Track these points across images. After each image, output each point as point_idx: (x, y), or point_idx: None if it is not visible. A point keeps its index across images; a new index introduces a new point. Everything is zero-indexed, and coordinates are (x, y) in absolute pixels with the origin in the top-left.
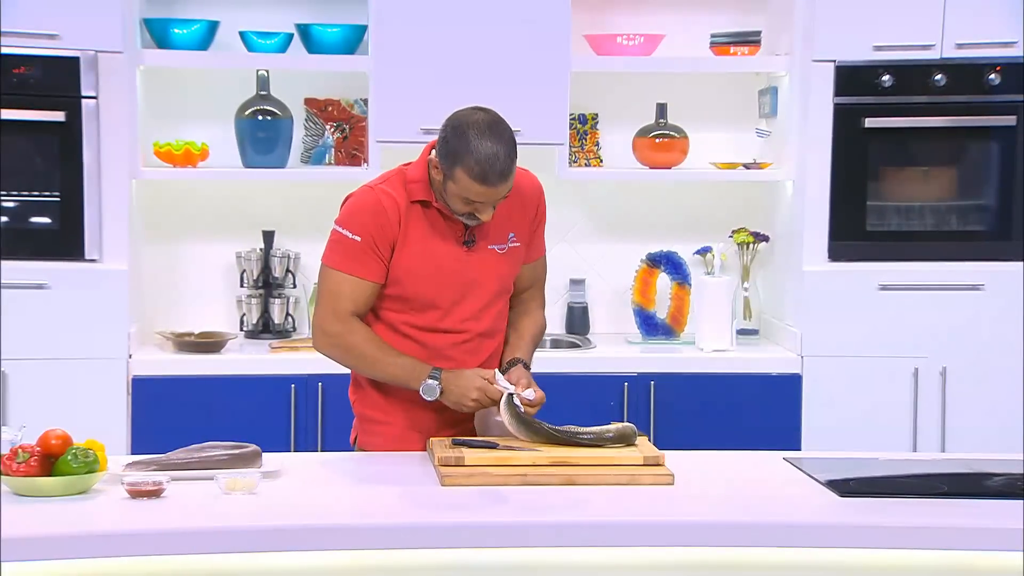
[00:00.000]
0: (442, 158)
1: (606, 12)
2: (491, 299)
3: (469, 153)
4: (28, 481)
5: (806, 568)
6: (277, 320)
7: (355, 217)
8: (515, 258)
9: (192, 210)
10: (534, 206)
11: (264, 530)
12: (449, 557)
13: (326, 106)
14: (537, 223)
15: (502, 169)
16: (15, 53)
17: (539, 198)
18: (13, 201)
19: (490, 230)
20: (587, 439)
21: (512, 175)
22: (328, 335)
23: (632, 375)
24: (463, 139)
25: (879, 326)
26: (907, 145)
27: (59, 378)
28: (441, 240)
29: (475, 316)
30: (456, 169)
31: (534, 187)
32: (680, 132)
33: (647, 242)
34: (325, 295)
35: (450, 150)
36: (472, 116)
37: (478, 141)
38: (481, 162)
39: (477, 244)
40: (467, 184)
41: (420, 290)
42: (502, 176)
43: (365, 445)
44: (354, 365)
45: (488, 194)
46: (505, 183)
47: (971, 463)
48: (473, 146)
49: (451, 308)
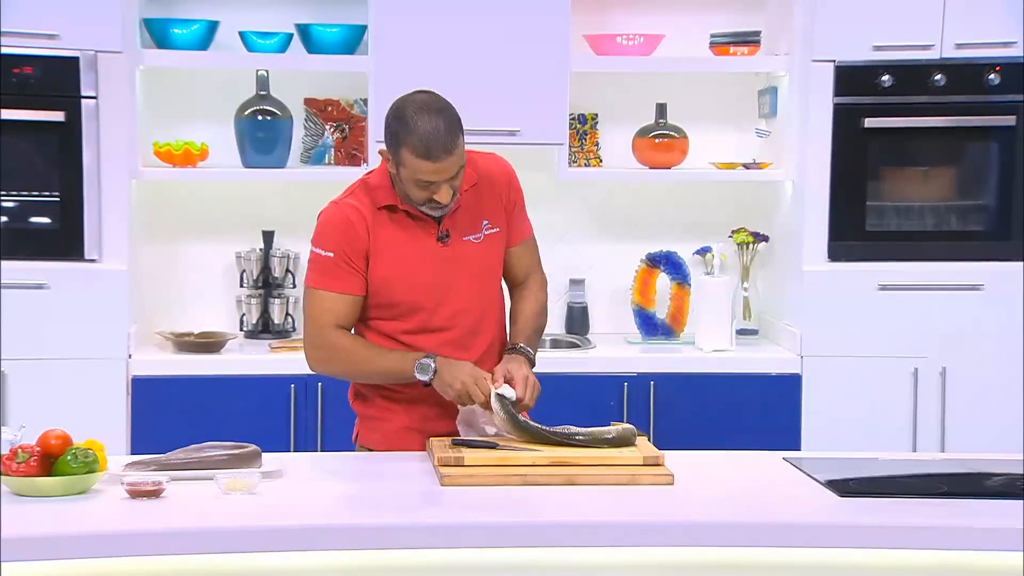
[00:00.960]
0: (389, 146)
1: (606, 12)
2: (477, 290)
3: (410, 132)
4: (28, 481)
5: (806, 568)
6: (277, 320)
7: (325, 234)
8: (495, 244)
9: (192, 210)
10: (504, 187)
11: (264, 530)
12: (449, 557)
13: (326, 106)
14: (512, 203)
15: (445, 142)
16: (15, 53)
17: (508, 178)
18: (13, 201)
19: (462, 222)
20: (581, 440)
21: (458, 149)
22: (318, 349)
23: (632, 375)
24: (402, 120)
25: (879, 326)
26: (907, 145)
27: (59, 378)
28: (414, 241)
29: (463, 310)
30: (401, 151)
31: (501, 169)
32: (680, 132)
33: (647, 242)
34: (308, 315)
35: (392, 134)
36: (410, 97)
37: (416, 119)
38: (423, 138)
39: (452, 238)
40: (414, 163)
41: (402, 295)
42: (446, 149)
43: (366, 442)
44: (350, 373)
45: (437, 170)
46: (451, 156)
47: (971, 463)
48: (412, 125)
49: (436, 307)
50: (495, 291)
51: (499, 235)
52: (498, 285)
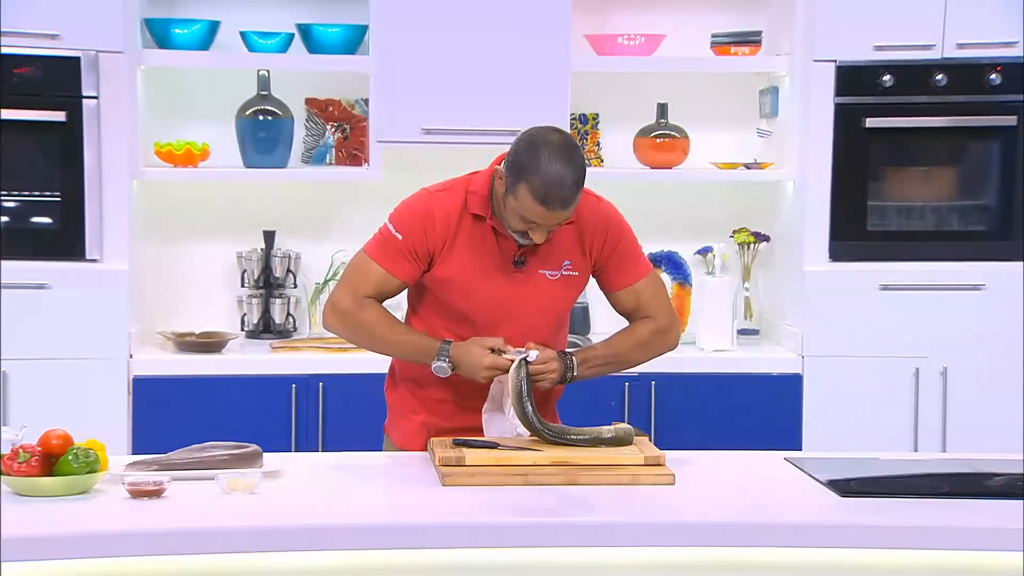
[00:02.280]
0: (509, 171)
1: (606, 12)
2: (534, 324)
3: (536, 172)
4: (29, 481)
5: (806, 568)
6: (278, 320)
7: (404, 216)
8: (569, 287)
9: (193, 210)
10: (600, 233)
11: (264, 530)
12: (449, 557)
13: (327, 106)
14: (611, 251)
15: (566, 196)
16: (16, 53)
17: (605, 225)
18: (14, 201)
19: (544, 254)
20: (578, 439)
21: (574, 204)
22: (339, 311)
23: (633, 375)
24: (534, 157)
25: (880, 326)
26: (908, 145)
27: (60, 378)
28: (488, 257)
29: (518, 337)
30: (520, 185)
31: (601, 215)
32: (681, 132)
33: (648, 242)
34: (349, 274)
35: (519, 165)
36: (548, 136)
37: (548, 162)
38: (547, 184)
39: (527, 266)
40: (528, 203)
41: (458, 302)
42: (564, 203)
43: (388, 432)
44: (361, 342)
45: (547, 217)
46: (566, 210)
47: (972, 463)
48: (542, 166)
49: (489, 325)
50: (553, 331)
51: (577, 280)
52: (560, 322)
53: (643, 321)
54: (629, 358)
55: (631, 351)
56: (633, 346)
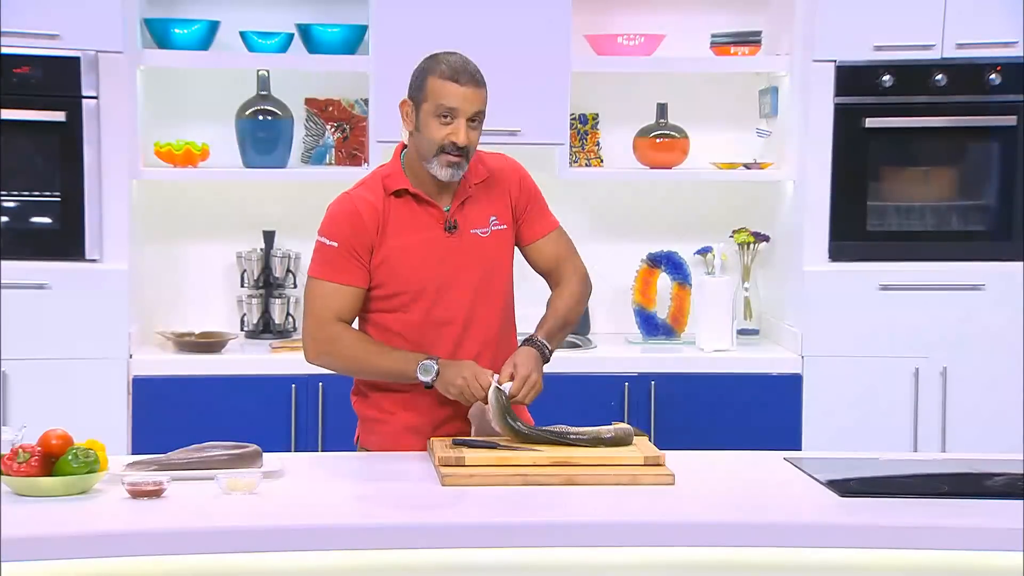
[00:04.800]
0: (412, 91)
1: (606, 12)
2: (478, 284)
3: (438, 62)
4: (28, 481)
5: (806, 568)
6: (278, 320)
7: (332, 224)
8: (502, 241)
9: (192, 210)
10: (514, 184)
11: (264, 530)
12: (449, 557)
13: (327, 106)
14: (526, 200)
15: (472, 72)
16: (15, 53)
17: (517, 174)
18: (13, 201)
19: (471, 215)
20: (577, 439)
21: (482, 84)
22: (317, 342)
23: (632, 375)
24: (431, 58)
25: (879, 326)
26: (907, 145)
27: (59, 378)
28: (423, 228)
29: (463, 303)
30: (426, 82)
31: (511, 167)
32: (680, 132)
33: (647, 242)
34: (309, 305)
35: (419, 76)
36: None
37: (444, 55)
38: (452, 64)
39: (459, 229)
40: (441, 89)
41: (405, 281)
42: (473, 78)
43: (366, 444)
44: (348, 368)
45: (462, 95)
46: (477, 88)
47: (972, 463)
48: (442, 57)
49: (438, 297)
50: (500, 287)
51: (506, 232)
52: (504, 282)
53: (569, 278)
54: (576, 313)
55: (575, 308)
56: (576, 302)
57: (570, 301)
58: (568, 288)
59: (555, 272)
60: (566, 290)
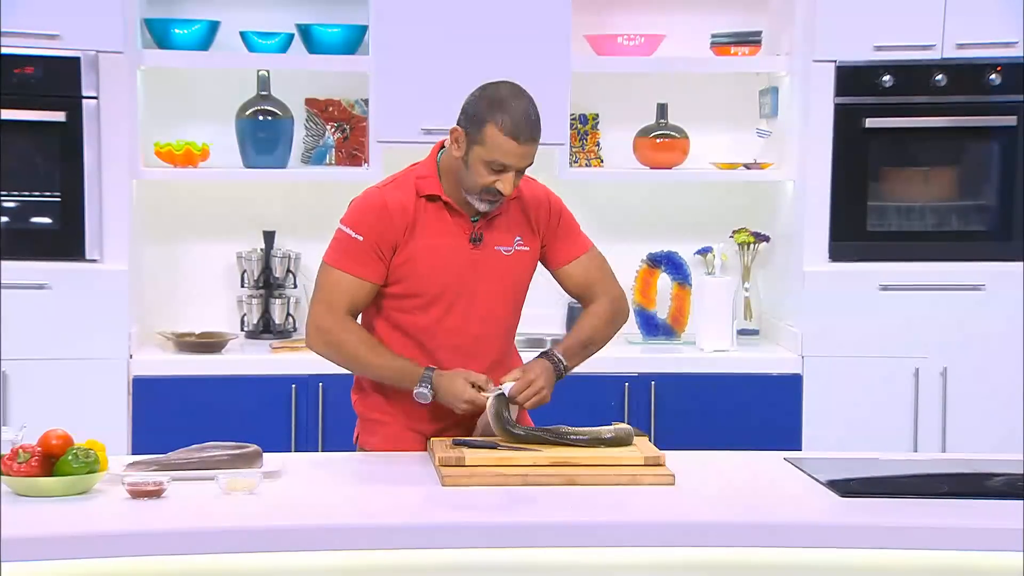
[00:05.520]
0: (468, 125)
1: (606, 12)
2: (496, 300)
3: (502, 111)
4: (29, 481)
5: (806, 568)
6: (278, 320)
7: (360, 217)
8: (523, 262)
9: (193, 210)
10: (543, 210)
11: (264, 530)
12: (449, 557)
13: (327, 106)
14: (555, 224)
15: (533, 129)
16: (16, 53)
17: (547, 201)
18: (14, 201)
19: (498, 231)
20: (577, 439)
21: (538, 139)
22: (321, 331)
23: (633, 375)
24: (493, 101)
25: (879, 326)
26: (907, 145)
27: (59, 378)
28: (448, 236)
29: (478, 316)
30: (486, 128)
31: (542, 192)
32: (681, 132)
33: (647, 242)
34: (321, 291)
35: (479, 114)
36: (497, 84)
37: (510, 100)
38: (515, 118)
39: (484, 243)
40: (498, 141)
41: (424, 284)
42: (532, 136)
43: (365, 444)
44: (347, 364)
45: (519, 154)
46: (532, 146)
47: (972, 463)
48: (506, 104)
49: (452, 305)
50: (512, 307)
51: (528, 255)
52: (517, 303)
53: (599, 299)
54: (603, 335)
55: (602, 328)
56: (604, 323)
57: (595, 321)
58: (596, 308)
59: (586, 295)
60: (593, 310)
